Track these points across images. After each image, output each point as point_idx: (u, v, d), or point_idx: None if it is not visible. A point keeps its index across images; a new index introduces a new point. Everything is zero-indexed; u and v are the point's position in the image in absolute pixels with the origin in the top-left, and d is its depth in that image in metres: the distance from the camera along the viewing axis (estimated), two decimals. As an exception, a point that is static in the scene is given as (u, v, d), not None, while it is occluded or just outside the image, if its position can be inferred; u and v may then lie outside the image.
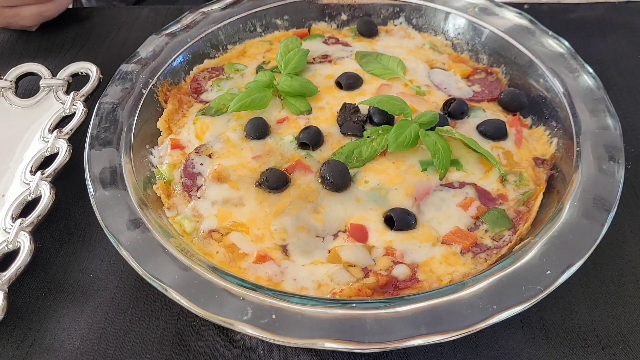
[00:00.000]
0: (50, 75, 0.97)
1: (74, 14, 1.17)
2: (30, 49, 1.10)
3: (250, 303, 0.57)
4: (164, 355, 0.66)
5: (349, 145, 0.76)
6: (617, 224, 0.78)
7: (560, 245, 0.62)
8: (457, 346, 0.66)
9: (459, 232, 0.68)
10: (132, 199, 0.68)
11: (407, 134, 0.74)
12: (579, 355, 0.66)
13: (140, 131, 0.78)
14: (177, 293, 0.57)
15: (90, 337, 0.68)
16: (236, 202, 0.71)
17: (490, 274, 0.59)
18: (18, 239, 0.73)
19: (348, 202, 0.71)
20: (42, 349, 0.68)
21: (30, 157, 0.85)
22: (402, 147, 0.74)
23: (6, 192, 0.82)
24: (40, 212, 0.76)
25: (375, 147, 0.75)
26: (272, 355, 0.66)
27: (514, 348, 0.66)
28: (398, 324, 0.55)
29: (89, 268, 0.75)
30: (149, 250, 0.62)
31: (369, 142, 0.76)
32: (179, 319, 0.69)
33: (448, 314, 0.56)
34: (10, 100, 0.96)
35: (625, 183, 0.82)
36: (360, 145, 0.76)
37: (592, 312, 0.69)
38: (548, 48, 0.86)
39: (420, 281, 0.64)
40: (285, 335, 0.54)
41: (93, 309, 0.71)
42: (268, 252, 0.66)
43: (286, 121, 0.81)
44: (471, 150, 0.75)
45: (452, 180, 0.74)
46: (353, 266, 0.65)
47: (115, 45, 1.10)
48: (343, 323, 0.55)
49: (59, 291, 0.73)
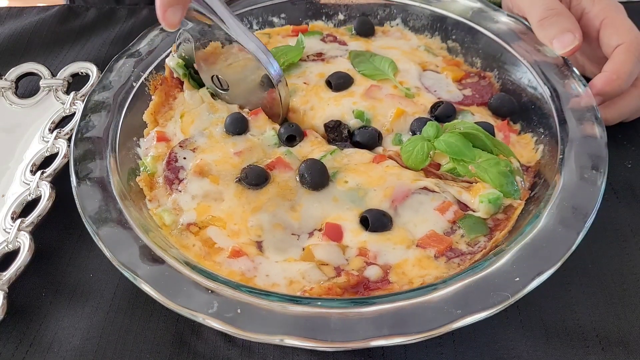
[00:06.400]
0: (50, 75, 0.98)
1: (74, 13, 1.18)
2: (30, 49, 1.11)
3: (217, 297, 0.57)
4: (164, 355, 0.67)
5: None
6: (617, 224, 0.79)
7: (533, 253, 0.61)
8: (457, 346, 0.67)
9: (434, 236, 0.68)
10: (113, 191, 0.69)
11: (417, 150, 0.75)
12: (578, 355, 0.65)
13: (129, 123, 0.80)
14: (147, 284, 0.58)
15: (90, 337, 0.69)
16: (215, 196, 0.72)
17: (459, 279, 0.59)
18: (18, 239, 0.74)
19: (325, 201, 0.71)
20: (42, 348, 0.68)
21: (30, 157, 0.86)
22: (417, 166, 0.75)
23: (6, 192, 0.83)
24: (40, 212, 0.77)
25: None
26: (271, 355, 0.66)
27: (514, 348, 0.66)
28: (361, 324, 0.55)
29: (89, 268, 0.75)
30: (125, 241, 0.63)
31: None
32: (179, 319, 0.69)
33: (412, 316, 0.56)
34: (10, 100, 0.97)
35: (625, 183, 0.84)
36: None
37: (592, 312, 0.69)
38: (542, 53, 0.85)
39: (392, 283, 0.64)
40: (248, 330, 0.55)
41: (93, 308, 0.71)
42: (243, 248, 0.67)
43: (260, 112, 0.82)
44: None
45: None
46: (326, 265, 0.66)
47: (115, 45, 1.11)
48: (307, 321, 0.56)
49: (58, 291, 0.74)
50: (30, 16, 1.17)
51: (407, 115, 0.82)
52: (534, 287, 0.58)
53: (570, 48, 0.81)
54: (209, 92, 0.85)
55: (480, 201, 0.70)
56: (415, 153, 0.75)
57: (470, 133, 0.74)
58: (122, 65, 0.84)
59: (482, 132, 0.73)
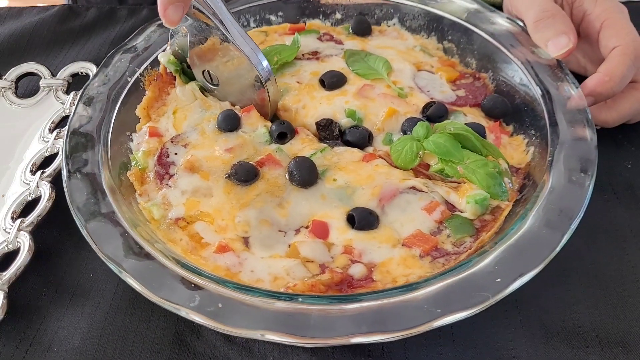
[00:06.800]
0: (50, 75, 0.99)
1: (74, 13, 1.19)
2: (30, 49, 1.11)
3: (200, 291, 0.58)
4: (164, 355, 0.67)
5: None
6: (617, 224, 0.79)
7: (516, 254, 0.61)
8: (456, 346, 0.67)
9: (420, 236, 0.68)
10: (103, 185, 0.70)
11: (406, 150, 0.75)
12: (578, 356, 0.66)
13: (122, 118, 0.80)
14: (131, 277, 0.59)
15: (91, 337, 0.69)
16: (205, 192, 0.73)
17: (441, 279, 0.59)
18: (18, 239, 0.74)
19: (313, 199, 0.72)
20: (42, 348, 0.68)
21: (30, 157, 0.86)
22: (406, 166, 0.75)
23: (6, 192, 0.83)
24: (40, 212, 0.77)
25: None
26: (271, 355, 0.67)
27: (514, 348, 0.67)
28: (341, 321, 0.56)
29: (89, 268, 0.76)
30: (112, 234, 0.64)
31: None
32: (180, 319, 0.68)
33: (392, 314, 0.56)
34: (10, 100, 0.98)
35: (625, 183, 0.84)
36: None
37: (591, 312, 0.69)
38: (536, 55, 0.85)
39: (375, 281, 0.64)
40: (229, 325, 0.56)
41: (93, 308, 0.72)
42: (229, 243, 0.67)
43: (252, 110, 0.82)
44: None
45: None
46: (311, 262, 0.66)
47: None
48: (288, 317, 0.56)
49: (58, 291, 0.74)
50: (30, 16, 1.17)
51: (399, 115, 0.82)
52: (515, 288, 0.58)
53: (564, 51, 0.81)
54: (198, 87, 0.85)
55: (467, 202, 0.70)
56: (405, 153, 0.75)
57: (459, 134, 0.74)
58: (118, 60, 0.85)
59: (472, 133, 0.73)
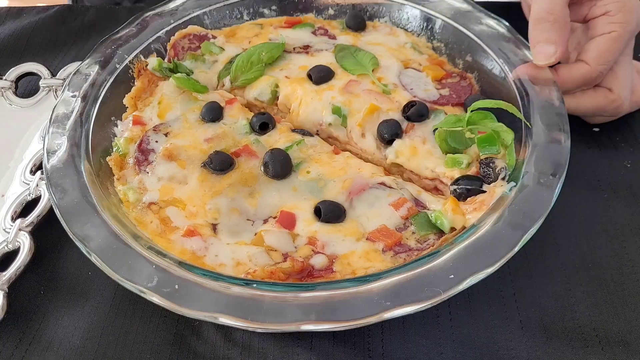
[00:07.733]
0: (50, 75, 1.00)
1: (74, 13, 1.19)
2: (30, 49, 1.11)
3: (159, 272, 0.60)
4: (164, 355, 0.68)
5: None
6: (617, 224, 0.79)
7: (474, 252, 0.62)
8: (456, 346, 0.68)
9: (384, 231, 0.69)
10: (81, 167, 0.72)
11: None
12: (578, 356, 0.66)
13: (109, 104, 0.83)
14: (96, 255, 0.61)
15: (91, 337, 0.69)
16: (180, 179, 0.75)
17: (397, 273, 0.60)
18: (18, 238, 0.76)
19: (285, 190, 0.73)
20: (42, 347, 0.69)
21: (30, 157, 0.87)
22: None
23: (6, 192, 0.84)
24: (40, 212, 0.78)
25: None
26: (271, 354, 0.68)
27: (514, 348, 0.67)
28: (291, 308, 0.57)
29: (88, 267, 0.76)
30: (83, 214, 0.66)
31: None
32: (180, 319, 0.70)
33: (342, 305, 0.57)
34: (10, 100, 0.98)
35: (625, 183, 0.84)
36: None
37: (592, 312, 0.70)
38: (520, 58, 0.85)
39: (335, 272, 0.65)
40: (184, 306, 0.57)
41: (93, 308, 0.72)
42: (197, 228, 0.69)
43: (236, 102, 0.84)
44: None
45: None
46: (275, 251, 0.68)
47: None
48: (242, 301, 0.58)
49: (58, 290, 0.74)
50: (30, 16, 1.18)
51: (380, 111, 0.83)
52: (468, 286, 0.59)
53: (546, 61, 0.80)
54: (185, 79, 0.86)
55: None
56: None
57: None
58: (107, 48, 0.88)
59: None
